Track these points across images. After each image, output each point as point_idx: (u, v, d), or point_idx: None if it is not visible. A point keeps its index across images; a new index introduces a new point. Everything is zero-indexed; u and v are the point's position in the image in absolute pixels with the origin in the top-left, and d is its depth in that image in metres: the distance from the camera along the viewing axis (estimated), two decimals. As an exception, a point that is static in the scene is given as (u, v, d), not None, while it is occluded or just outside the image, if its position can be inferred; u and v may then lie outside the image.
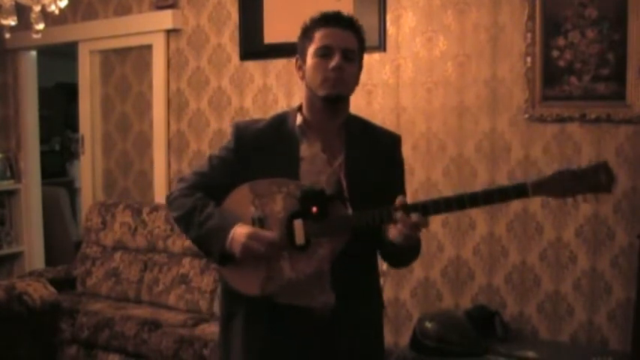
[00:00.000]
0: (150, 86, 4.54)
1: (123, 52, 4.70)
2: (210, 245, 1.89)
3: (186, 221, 1.93)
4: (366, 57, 3.64)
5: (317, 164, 1.91)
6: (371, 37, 3.63)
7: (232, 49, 4.16)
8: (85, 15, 4.80)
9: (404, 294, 3.65)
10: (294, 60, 2.00)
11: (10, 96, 5.25)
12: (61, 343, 3.85)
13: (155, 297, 4.00)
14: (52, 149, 7.47)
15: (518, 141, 3.31)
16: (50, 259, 5.37)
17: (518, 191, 1.69)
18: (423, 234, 3.69)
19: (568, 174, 1.65)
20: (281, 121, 1.98)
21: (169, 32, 4.39)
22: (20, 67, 5.18)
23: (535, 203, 3.28)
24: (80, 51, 4.85)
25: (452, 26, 3.46)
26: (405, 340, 3.49)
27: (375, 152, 1.97)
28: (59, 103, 7.41)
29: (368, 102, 3.69)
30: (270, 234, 1.83)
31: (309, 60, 1.89)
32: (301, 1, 3.81)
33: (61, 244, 5.87)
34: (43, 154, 5.53)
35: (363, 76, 3.73)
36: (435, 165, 3.52)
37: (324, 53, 1.86)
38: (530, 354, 2.99)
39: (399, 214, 1.73)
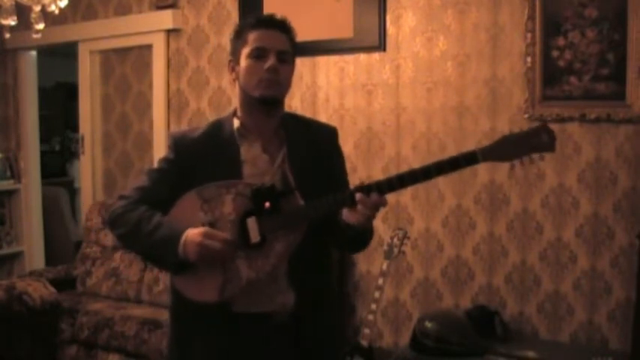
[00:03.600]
0: (150, 86, 4.54)
1: (123, 52, 4.70)
2: (162, 255, 1.83)
3: (132, 236, 1.86)
4: (366, 57, 3.68)
5: (259, 166, 1.90)
6: (371, 37, 3.67)
7: (232, 49, 4.15)
8: (85, 15, 4.80)
9: (404, 294, 3.65)
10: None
11: (10, 96, 5.24)
12: (61, 343, 3.85)
13: (155, 297, 3.99)
14: (52, 149, 7.47)
15: (518, 141, 3.31)
16: (50, 259, 5.36)
17: (469, 159, 1.75)
18: (424, 234, 3.70)
19: (513, 138, 1.72)
20: (217, 127, 1.97)
21: (169, 32, 4.39)
22: (20, 67, 5.18)
23: (535, 203, 3.28)
24: (80, 51, 4.84)
25: (452, 26, 3.46)
26: (405, 340, 3.49)
27: (314, 145, 1.97)
28: (59, 103, 7.42)
29: (368, 102, 3.70)
30: (224, 234, 1.79)
31: (243, 62, 1.90)
32: (301, 1, 3.81)
33: (61, 244, 5.87)
34: (43, 154, 5.53)
35: (363, 76, 3.77)
36: (435, 165, 3.51)
37: (259, 55, 1.87)
38: (530, 354, 2.99)
39: (359, 196, 1.74)
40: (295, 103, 3.88)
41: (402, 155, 3.61)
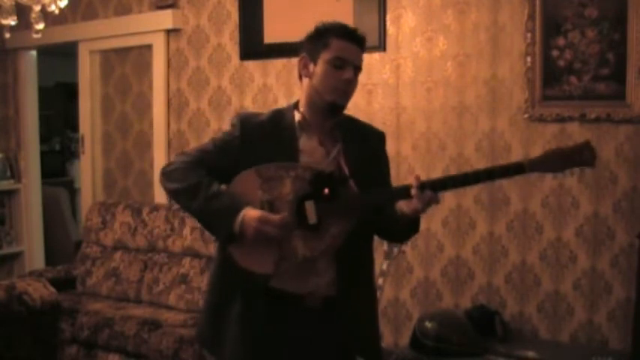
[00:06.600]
0: (150, 86, 4.54)
1: (123, 52, 4.70)
2: (216, 223, 1.93)
3: (189, 194, 1.94)
4: (366, 57, 3.63)
5: (316, 156, 2.00)
6: (371, 37, 3.62)
7: (232, 49, 4.15)
8: (85, 15, 4.80)
9: (404, 294, 3.65)
10: (294, 59, 2.02)
11: (10, 96, 5.25)
12: (61, 343, 3.85)
13: (155, 297, 3.99)
14: (52, 149, 7.48)
15: (518, 141, 3.31)
16: (50, 259, 5.36)
17: (517, 169, 1.90)
18: (424, 234, 3.70)
19: (559, 152, 1.88)
20: (280, 115, 2.07)
21: (169, 32, 4.39)
22: (20, 67, 5.18)
23: (535, 203, 3.28)
24: (80, 51, 4.85)
25: (452, 26, 3.46)
26: (405, 339, 3.49)
27: (365, 146, 2.08)
28: (59, 103, 7.42)
29: (368, 102, 3.69)
30: (281, 216, 1.87)
31: (323, 65, 1.98)
32: (301, 1, 3.81)
33: (61, 244, 5.87)
34: (43, 153, 5.53)
35: (362, 76, 3.74)
36: (435, 165, 3.52)
37: (339, 64, 1.97)
38: (530, 354, 2.99)
39: (414, 191, 1.85)
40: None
41: (402, 155, 3.60)
